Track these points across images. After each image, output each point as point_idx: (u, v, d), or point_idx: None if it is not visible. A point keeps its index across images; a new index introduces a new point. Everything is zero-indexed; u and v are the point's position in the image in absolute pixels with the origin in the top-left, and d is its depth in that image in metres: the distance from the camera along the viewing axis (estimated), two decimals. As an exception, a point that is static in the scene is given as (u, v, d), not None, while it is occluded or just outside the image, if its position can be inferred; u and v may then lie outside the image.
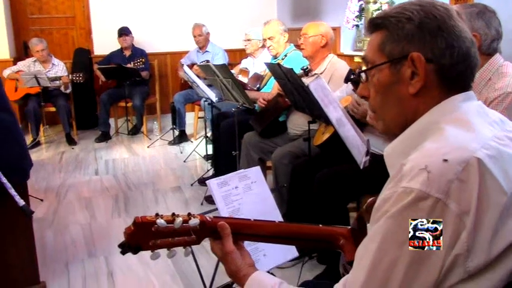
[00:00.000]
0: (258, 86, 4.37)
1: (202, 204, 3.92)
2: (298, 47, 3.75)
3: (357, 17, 4.72)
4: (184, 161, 5.23)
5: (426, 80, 0.99)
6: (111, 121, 6.50)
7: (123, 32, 6.33)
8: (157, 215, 1.14)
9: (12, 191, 1.77)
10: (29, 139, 5.83)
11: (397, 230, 0.87)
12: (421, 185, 0.86)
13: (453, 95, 1.00)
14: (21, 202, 1.78)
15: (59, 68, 6.13)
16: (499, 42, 2.02)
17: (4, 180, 1.78)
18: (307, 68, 3.39)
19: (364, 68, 1.12)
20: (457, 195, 0.85)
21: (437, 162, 0.87)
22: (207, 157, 5.13)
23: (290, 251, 1.79)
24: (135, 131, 6.47)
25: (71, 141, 6.07)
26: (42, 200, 4.11)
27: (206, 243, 1.25)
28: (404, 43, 1.00)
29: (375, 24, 1.06)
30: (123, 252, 1.13)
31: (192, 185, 4.43)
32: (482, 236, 0.85)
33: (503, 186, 0.88)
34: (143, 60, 6.15)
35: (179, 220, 1.14)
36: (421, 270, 0.86)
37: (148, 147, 5.90)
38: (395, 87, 1.02)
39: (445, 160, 0.87)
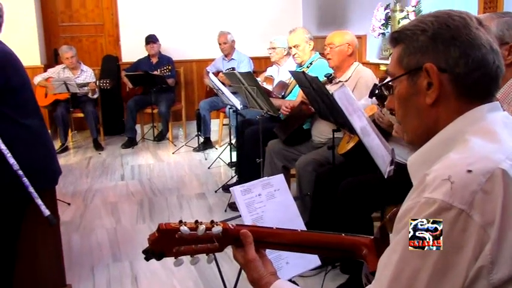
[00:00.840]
0: (283, 93, 4.38)
1: (226, 211, 3.94)
2: (323, 55, 3.75)
3: (383, 25, 4.68)
4: (209, 168, 5.27)
5: (441, 89, 0.99)
6: (138, 127, 6.60)
7: (151, 40, 6.43)
8: (180, 222, 1.15)
9: (39, 201, 1.82)
10: (57, 144, 5.96)
11: None
12: (444, 195, 0.85)
13: (475, 104, 1.00)
14: (47, 212, 1.82)
15: (87, 75, 6.25)
16: None
17: (31, 189, 1.83)
18: (331, 75, 3.38)
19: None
20: (481, 206, 0.84)
21: (461, 173, 0.86)
22: (231, 164, 5.15)
23: (313, 260, 1.79)
24: (160, 137, 6.55)
25: (98, 147, 6.18)
26: (69, 204, 4.19)
27: (229, 250, 1.26)
28: (419, 55, 1.01)
29: (393, 39, 1.08)
30: (147, 259, 1.15)
31: (216, 191, 4.46)
32: (506, 248, 0.83)
33: None
34: (169, 67, 6.23)
35: (202, 227, 1.15)
36: (444, 282, 0.85)
37: (173, 153, 5.96)
38: (414, 98, 1.03)
39: (469, 171, 0.86)
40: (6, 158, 1.82)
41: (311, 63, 4.03)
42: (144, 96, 6.36)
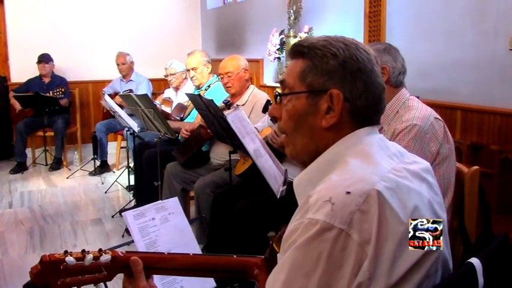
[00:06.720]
0: (181, 116, 4.36)
1: (123, 236, 3.82)
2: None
3: (278, 49, 4.87)
4: (106, 192, 5.09)
5: (340, 117, 1.03)
6: (29, 151, 6.19)
7: (42, 59, 6.14)
8: (66, 252, 1.11)
9: None
10: None
11: (303, 260, 0.90)
12: (325, 216, 0.89)
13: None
14: None
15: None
16: (405, 76, 2.18)
17: None
18: (228, 101, 3.44)
19: (280, 91, 1.13)
20: (358, 225, 0.89)
21: (341, 194, 0.91)
22: (129, 188, 5.02)
23: (208, 282, 1.78)
24: (55, 165, 6.05)
25: (-18, 173, 5.74)
26: None
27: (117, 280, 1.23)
28: (326, 78, 1.03)
29: (299, 52, 1.08)
30: (28, 294, 1.09)
31: (113, 216, 4.31)
32: (382, 264, 0.89)
33: (400, 216, 0.92)
34: (63, 90, 5.96)
35: (89, 257, 1.12)
36: None
37: (68, 178, 5.69)
38: (310, 117, 1.05)
39: (348, 192, 0.91)
40: None
41: (209, 86, 4.07)
42: (35, 119, 6.02)
